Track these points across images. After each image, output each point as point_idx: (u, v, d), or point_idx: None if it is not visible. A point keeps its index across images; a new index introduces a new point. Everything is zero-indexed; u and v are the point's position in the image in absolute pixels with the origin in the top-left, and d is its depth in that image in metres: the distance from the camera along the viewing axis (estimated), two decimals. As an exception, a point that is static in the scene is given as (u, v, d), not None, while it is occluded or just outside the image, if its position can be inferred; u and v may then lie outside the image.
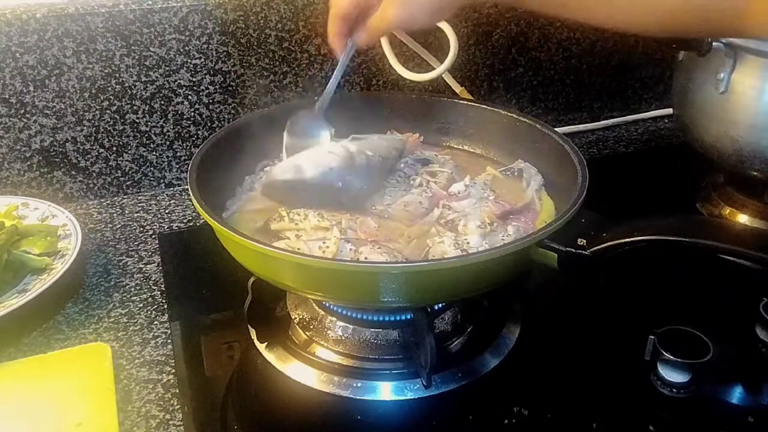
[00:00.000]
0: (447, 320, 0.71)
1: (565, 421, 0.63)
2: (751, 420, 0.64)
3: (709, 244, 0.58)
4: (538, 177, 0.77)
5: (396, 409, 0.65)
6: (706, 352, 0.64)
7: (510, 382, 0.67)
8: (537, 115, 1.16)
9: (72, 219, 0.84)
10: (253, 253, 0.59)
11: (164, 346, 0.71)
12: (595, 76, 1.19)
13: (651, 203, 0.93)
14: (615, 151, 1.13)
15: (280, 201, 0.71)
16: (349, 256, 0.63)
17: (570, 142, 0.73)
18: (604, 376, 0.68)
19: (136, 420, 0.63)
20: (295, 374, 0.67)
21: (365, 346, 0.68)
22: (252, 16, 0.95)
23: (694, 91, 0.87)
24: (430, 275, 0.58)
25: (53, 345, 0.71)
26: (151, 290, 0.80)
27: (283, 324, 0.73)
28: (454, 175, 0.78)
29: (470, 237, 0.65)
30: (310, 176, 0.70)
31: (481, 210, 0.70)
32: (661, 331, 0.66)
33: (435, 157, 0.82)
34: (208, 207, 0.62)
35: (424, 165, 0.80)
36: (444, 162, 0.80)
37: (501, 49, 1.10)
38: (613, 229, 0.60)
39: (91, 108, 0.93)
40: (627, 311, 0.76)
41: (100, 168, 0.97)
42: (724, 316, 0.74)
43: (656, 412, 0.64)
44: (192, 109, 0.98)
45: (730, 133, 0.83)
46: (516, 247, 0.59)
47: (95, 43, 0.89)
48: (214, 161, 0.72)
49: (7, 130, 0.90)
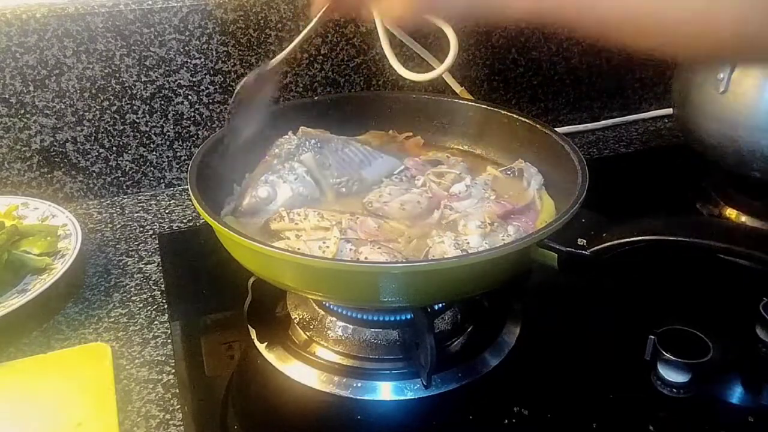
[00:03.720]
0: (447, 320, 0.71)
1: (565, 421, 0.63)
2: (751, 420, 0.64)
3: (709, 244, 0.58)
4: (539, 177, 0.77)
5: (396, 409, 0.65)
6: (706, 352, 0.64)
7: (510, 382, 0.67)
8: (537, 115, 1.16)
9: (72, 219, 0.84)
10: (253, 253, 0.59)
11: (164, 346, 0.71)
12: (595, 76, 1.19)
13: (651, 203, 0.93)
14: (615, 151, 1.13)
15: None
16: (349, 256, 0.63)
17: (570, 142, 0.73)
18: (604, 376, 0.68)
19: (136, 420, 0.63)
20: (295, 374, 0.67)
21: (365, 346, 0.68)
22: (252, 16, 0.95)
23: (694, 91, 0.87)
24: (430, 275, 0.58)
25: (53, 345, 0.71)
26: (151, 290, 0.80)
27: (283, 324, 0.73)
28: (463, 176, 0.77)
29: (470, 237, 0.65)
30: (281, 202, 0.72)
31: (482, 210, 0.70)
32: (661, 331, 0.66)
33: (446, 159, 0.81)
34: (208, 207, 0.62)
35: (433, 166, 0.79)
36: (454, 164, 0.80)
37: (501, 49, 1.10)
38: (613, 229, 0.60)
39: (91, 108, 0.93)
40: (627, 311, 0.76)
41: (100, 168, 0.97)
42: (724, 316, 0.74)
43: (656, 412, 0.64)
44: (192, 109, 0.98)
45: (730, 133, 0.83)
46: (516, 247, 0.59)
47: (95, 43, 0.89)
48: (214, 161, 0.72)
49: (7, 130, 0.90)
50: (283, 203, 0.72)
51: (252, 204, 0.72)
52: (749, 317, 0.71)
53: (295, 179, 0.73)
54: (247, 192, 0.73)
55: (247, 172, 0.78)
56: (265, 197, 0.72)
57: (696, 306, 0.75)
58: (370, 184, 0.76)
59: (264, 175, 0.74)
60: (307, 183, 0.74)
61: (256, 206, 0.72)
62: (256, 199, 0.72)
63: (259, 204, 0.72)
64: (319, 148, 0.78)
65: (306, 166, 0.75)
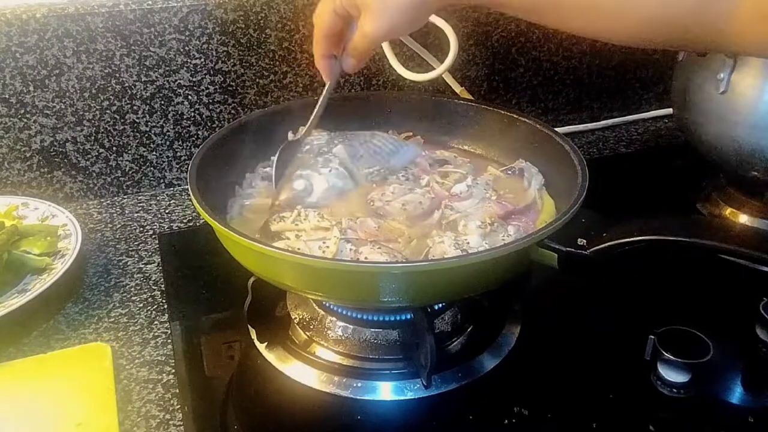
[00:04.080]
0: (447, 320, 0.71)
1: (565, 421, 0.63)
2: (751, 420, 0.64)
3: (709, 244, 0.58)
4: (539, 176, 0.77)
5: (396, 409, 0.65)
6: (706, 352, 0.64)
7: (510, 382, 0.67)
8: (537, 115, 1.16)
9: (72, 219, 0.84)
10: (253, 253, 0.59)
11: (164, 346, 0.71)
12: (595, 76, 1.19)
13: (651, 203, 0.93)
14: (615, 151, 1.13)
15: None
16: (349, 256, 0.63)
17: (570, 142, 0.73)
18: (604, 376, 0.68)
19: (136, 420, 0.63)
20: (295, 374, 0.67)
21: (365, 346, 0.68)
22: (252, 16, 0.95)
23: (694, 91, 0.87)
24: (430, 275, 0.58)
25: (53, 345, 0.71)
26: (151, 290, 0.80)
27: (283, 324, 0.73)
28: (466, 176, 0.77)
29: (470, 237, 0.65)
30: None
31: (483, 210, 0.70)
32: (661, 331, 0.66)
33: (454, 158, 0.81)
34: (208, 207, 0.62)
35: (441, 165, 0.79)
36: (461, 164, 0.80)
37: (501, 49, 1.10)
38: (613, 229, 0.60)
39: (91, 108, 0.93)
40: (627, 311, 0.76)
41: (100, 168, 0.97)
42: (724, 316, 0.74)
43: (656, 412, 0.64)
44: (192, 109, 0.98)
45: (730, 133, 0.83)
46: (516, 247, 0.59)
47: (95, 43, 0.89)
48: (214, 161, 0.72)
49: (7, 130, 0.90)
50: (319, 195, 0.72)
51: (290, 198, 0.72)
52: (749, 317, 0.71)
53: (329, 171, 0.74)
54: (284, 187, 0.73)
55: (247, 173, 0.78)
56: (302, 189, 0.72)
57: (696, 306, 0.75)
58: (398, 172, 0.78)
59: (298, 170, 0.74)
60: (341, 174, 0.74)
61: (293, 200, 0.72)
62: (294, 192, 0.72)
63: (297, 197, 0.72)
64: (349, 141, 0.79)
65: (339, 157, 0.76)
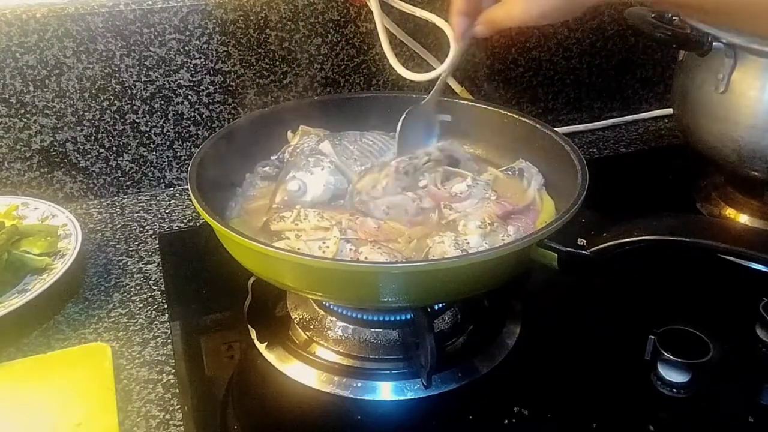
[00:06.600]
0: (447, 320, 0.71)
1: (565, 421, 0.63)
2: (751, 420, 0.64)
3: (709, 244, 0.58)
4: (539, 176, 0.76)
5: (396, 409, 0.65)
6: (706, 352, 0.64)
7: (510, 382, 0.67)
8: (537, 115, 1.15)
9: (72, 219, 0.83)
10: (253, 253, 0.59)
11: (164, 346, 0.71)
12: (595, 76, 1.19)
13: (651, 203, 0.93)
14: (615, 151, 1.13)
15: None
16: (349, 256, 0.63)
17: (570, 142, 0.73)
18: (604, 376, 0.68)
19: (136, 420, 0.63)
20: (295, 374, 0.67)
21: (365, 346, 0.68)
22: (252, 16, 0.95)
23: (694, 91, 0.87)
24: (430, 275, 0.58)
25: (53, 345, 0.71)
26: (151, 290, 0.80)
27: (283, 324, 0.73)
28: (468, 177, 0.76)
29: (470, 237, 0.65)
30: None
31: (482, 210, 0.70)
32: (661, 331, 0.66)
33: (467, 161, 0.80)
34: (208, 207, 0.62)
35: (452, 165, 0.78)
36: (470, 168, 0.79)
37: (501, 49, 1.10)
38: (613, 229, 0.60)
39: (91, 108, 0.93)
40: (627, 311, 0.76)
41: (100, 168, 0.97)
42: (724, 316, 0.74)
43: (656, 412, 0.64)
44: (192, 109, 0.98)
45: (730, 133, 0.83)
46: (516, 247, 0.59)
47: (95, 43, 0.89)
48: (214, 161, 0.72)
49: (7, 130, 0.90)
50: (314, 195, 0.72)
51: (285, 200, 0.72)
52: (749, 317, 0.71)
53: (321, 170, 0.74)
54: (278, 189, 0.73)
55: (247, 173, 0.78)
56: (296, 190, 0.72)
57: (696, 306, 0.75)
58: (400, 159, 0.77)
59: (291, 171, 0.74)
60: (333, 172, 0.74)
61: (289, 201, 0.72)
62: (288, 194, 0.72)
63: (292, 198, 0.72)
64: (338, 139, 0.79)
65: (326, 153, 0.76)
